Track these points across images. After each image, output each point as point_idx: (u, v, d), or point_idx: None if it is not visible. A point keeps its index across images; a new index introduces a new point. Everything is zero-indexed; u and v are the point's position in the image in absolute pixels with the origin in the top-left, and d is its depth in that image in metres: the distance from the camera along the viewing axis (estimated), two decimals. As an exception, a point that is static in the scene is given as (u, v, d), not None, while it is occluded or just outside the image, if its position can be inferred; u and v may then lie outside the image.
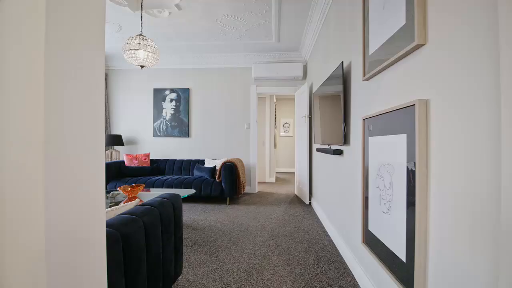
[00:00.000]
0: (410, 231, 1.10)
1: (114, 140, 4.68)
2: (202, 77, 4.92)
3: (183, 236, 2.53)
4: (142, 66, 2.94)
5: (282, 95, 7.79)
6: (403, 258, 1.15)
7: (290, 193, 4.77)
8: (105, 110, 5.05)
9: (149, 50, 2.82)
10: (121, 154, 5.10)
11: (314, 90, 3.66)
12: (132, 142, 5.13)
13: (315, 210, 3.51)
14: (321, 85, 2.83)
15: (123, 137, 5.13)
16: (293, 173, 7.89)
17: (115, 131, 5.17)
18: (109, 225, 1.01)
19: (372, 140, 1.50)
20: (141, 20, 2.90)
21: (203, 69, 4.92)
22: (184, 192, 3.04)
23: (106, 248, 0.92)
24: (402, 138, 1.16)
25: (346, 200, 2.08)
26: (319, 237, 2.56)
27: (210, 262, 2.01)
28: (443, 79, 0.90)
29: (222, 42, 4.18)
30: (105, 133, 5.00)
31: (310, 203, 3.89)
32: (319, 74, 3.33)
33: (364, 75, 1.64)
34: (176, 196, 1.55)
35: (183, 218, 3.15)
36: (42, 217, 0.46)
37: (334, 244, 2.36)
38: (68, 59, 0.52)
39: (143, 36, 2.80)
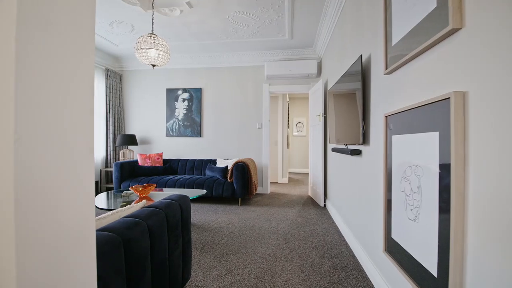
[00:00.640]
0: (443, 243, 0.96)
1: (128, 140, 4.73)
2: (214, 76, 4.88)
3: (193, 238, 2.48)
4: (153, 65, 2.92)
5: (295, 93, 7.64)
6: (434, 273, 1.02)
7: (304, 194, 4.63)
8: (120, 111, 5.13)
9: (160, 48, 2.79)
10: (135, 153, 5.15)
11: (329, 87, 3.51)
12: (145, 142, 5.18)
13: (330, 212, 3.36)
14: (337, 82, 2.69)
15: (137, 137, 5.19)
16: (307, 173, 7.72)
17: (129, 131, 5.24)
18: (110, 229, 0.95)
19: (396, 139, 1.37)
20: (152, 19, 2.87)
21: (215, 68, 4.88)
22: (195, 193, 2.99)
23: (106, 254, 0.86)
24: (433, 137, 1.03)
25: (365, 204, 1.94)
26: (335, 242, 2.42)
27: (221, 266, 1.94)
28: (484, 68, 0.76)
29: (234, 40, 4.11)
30: (120, 133, 5.08)
31: (324, 205, 3.74)
32: (335, 71, 3.18)
33: (386, 68, 1.51)
34: (184, 197, 1.48)
35: (194, 219, 3.11)
36: (12, 223, 0.39)
37: (352, 250, 2.22)
38: (47, 40, 0.45)
39: (154, 34, 2.78)
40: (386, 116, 1.49)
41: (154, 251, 1.12)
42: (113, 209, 2.38)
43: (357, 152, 2.08)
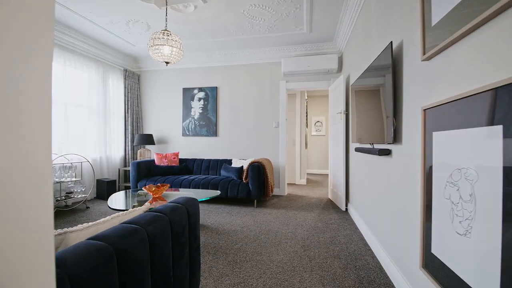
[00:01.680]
0: (509, 266, 0.75)
1: (146, 140, 4.75)
2: (229, 74, 4.78)
3: (206, 241, 2.36)
4: (167, 63, 2.85)
5: (313, 91, 7.37)
6: (496, 304, 0.80)
7: (323, 197, 4.39)
8: (138, 110, 5.18)
9: (173, 45, 2.72)
10: (152, 153, 5.17)
11: (351, 82, 3.26)
12: (162, 141, 5.19)
13: (352, 217, 3.11)
14: (361, 76, 2.46)
15: (154, 136, 5.22)
16: (326, 175, 7.41)
17: (147, 131, 5.28)
18: (102, 237, 0.83)
19: (438, 136, 1.15)
20: (166, 15, 2.81)
21: (231, 66, 4.77)
22: (208, 194, 2.88)
23: (95, 268, 0.74)
24: (494, 132, 0.81)
25: (396, 211, 1.71)
26: (360, 251, 2.19)
27: (233, 274, 1.79)
28: None
29: (250, 36, 3.97)
30: (137, 133, 5.12)
31: (346, 209, 3.49)
32: (358, 65, 2.94)
33: (424, 53, 1.28)
34: (192, 200, 1.35)
35: (208, 221, 3.00)
36: None
37: (379, 262, 1.99)
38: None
39: (167, 31, 2.70)
40: (425, 110, 1.27)
41: (155, 263, 1.00)
42: (123, 210, 2.32)
43: (386, 152, 1.85)
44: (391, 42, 1.69)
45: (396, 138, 1.71)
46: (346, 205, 3.51)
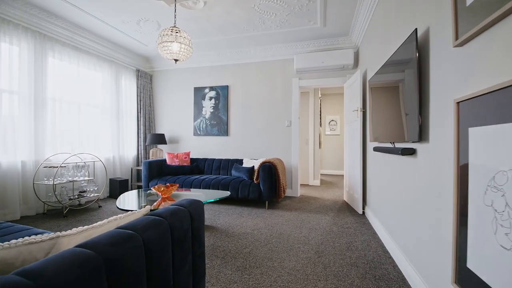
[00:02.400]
0: None
1: (158, 139, 4.76)
2: (240, 72, 4.69)
3: (215, 244, 2.26)
4: (176, 60, 2.79)
5: (327, 89, 7.15)
6: None
7: (338, 199, 4.20)
8: (150, 110, 5.20)
9: (182, 41, 2.65)
10: (164, 152, 5.18)
11: (368, 78, 3.07)
12: (174, 141, 5.18)
13: (370, 221, 2.92)
14: (380, 70, 2.28)
15: (166, 136, 5.22)
16: (341, 175, 7.16)
17: (159, 130, 5.29)
18: (91, 245, 0.75)
19: (475, 132, 0.98)
20: (175, 12, 2.75)
21: (242, 65, 4.68)
22: (218, 195, 2.80)
23: (78, 281, 0.65)
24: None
25: (422, 217, 1.54)
26: (379, 259, 2.02)
27: (242, 281, 1.69)
28: None
29: (261, 32, 3.85)
30: (150, 132, 5.15)
31: (363, 212, 3.29)
32: (376, 58, 2.75)
33: (456, 37, 1.12)
34: (196, 203, 1.26)
35: (217, 222, 2.92)
36: None
37: (401, 272, 1.81)
38: None
39: (176, 27, 2.64)
40: (458, 103, 1.11)
41: (152, 272, 0.91)
42: (130, 211, 2.27)
43: (410, 152, 1.68)
44: (416, 29, 1.52)
45: (422, 136, 1.54)
46: (363, 208, 3.32)
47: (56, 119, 3.48)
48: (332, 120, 7.42)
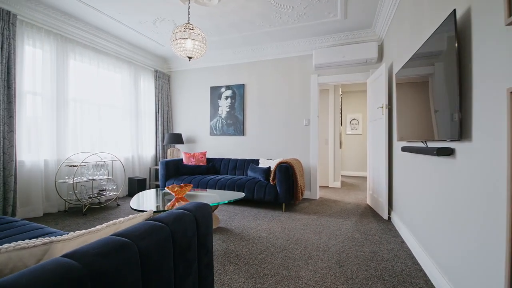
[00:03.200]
0: None
1: (175, 139, 4.77)
2: (257, 70, 4.58)
3: (228, 248, 2.15)
4: (189, 58, 2.73)
5: (348, 86, 6.84)
6: None
7: (361, 202, 3.94)
8: (168, 110, 5.24)
9: (195, 38, 2.58)
10: (181, 152, 5.20)
11: (395, 71, 2.83)
12: (191, 140, 5.18)
13: (397, 228, 2.68)
14: (408, 62, 2.05)
15: (183, 136, 5.24)
16: (364, 177, 6.81)
17: (176, 130, 5.32)
18: (78, 255, 0.66)
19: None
20: (189, 9, 2.69)
21: (258, 62, 4.56)
22: (233, 196, 2.70)
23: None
24: None
25: (462, 228, 1.32)
26: (408, 271, 1.81)
27: (255, 290, 1.56)
28: None
29: (278, 28, 3.71)
30: (167, 132, 5.19)
31: (389, 218, 3.04)
32: (404, 50, 2.51)
33: (510, 14, 0.92)
34: (203, 207, 1.15)
35: (232, 224, 2.81)
36: None
37: (436, 288, 1.59)
38: None
39: (189, 24, 2.58)
40: (515, 91, 0.90)
41: (150, 285, 0.81)
42: (143, 211, 2.23)
43: (447, 152, 1.46)
44: (454, 10, 1.31)
45: (463, 132, 1.32)
46: (389, 213, 3.06)
47: (77, 119, 3.57)
48: (354, 119, 7.08)
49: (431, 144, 1.77)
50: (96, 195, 3.49)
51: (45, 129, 3.17)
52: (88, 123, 3.76)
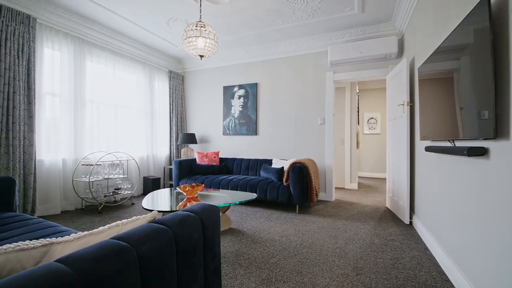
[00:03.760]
0: None
1: (189, 139, 4.79)
2: (270, 69, 4.49)
3: (239, 251, 2.08)
4: (201, 56, 2.70)
5: (366, 83, 6.60)
6: None
7: (379, 205, 3.75)
8: (182, 110, 5.28)
9: (207, 36, 2.55)
10: (195, 152, 5.21)
11: (417, 66, 2.65)
12: (204, 140, 5.18)
13: (420, 234, 2.50)
14: (432, 56, 1.89)
15: (196, 135, 5.25)
16: (382, 179, 6.53)
17: (190, 130, 5.35)
18: (71, 260, 0.61)
19: None
20: (200, 6, 2.65)
21: (271, 60, 4.48)
22: (244, 196, 2.64)
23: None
24: None
25: (498, 237, 1.17)
26: (433, 282, 1.66)
27: (266, 297, 1.49)
28: None
29: (291, 24, 3.60)
30: (181, 132, 5.22)
31: (410, 222, 2.85)
32: (427, 43, 2.33)
33: None
34: (210, 209, 1.09)
35: (244, 226, 2.75)
36: None
37: (466, 303, 1.44)
38: None
39: (201, 22, 2.54)
40: None
41: (149, 293, 0.75)
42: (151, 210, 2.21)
43: (480, 152, 1.31)
44: (490, -8, 1.16)
45: (499, 130, 1.18)
46: (411, 218, 2.87)
47: (93, 119, 3.66)
48: (372, 118, 6.82)
49: (459, 143, 1.61)
50: (111, 193, 3.55)
51: (63, 129, 3.26)
52: (104, 123, 3.84)
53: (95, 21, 3.51)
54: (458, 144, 1.63)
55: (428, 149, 2.05)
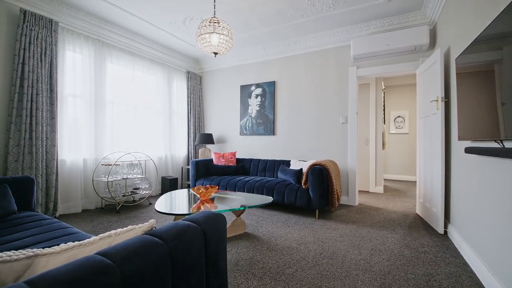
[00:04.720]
0: None
1: (206, 139, 4.76)
2: (288, 66, 4.32)
3: (254, 258, 1.94)
4: (215, 53, 2.61)
5: (393, 79, 6.18)
6: None
7: (408, 211, 3.43)
8: (200, 111, 5.27)
9: (221, 32, 2.45)
10: (212, 152, 5.17)
11: (453, 57, 2.35)
12: (221, 140, 5.13)
13: (457, 246, 2.21)
14: (474, 42, 1.62)
15: (214, 136, 5.21)
16: (411, 182, 6.08)
17: (208, 130, 5.33)
18: (42, 282, 0.52)
19: None
20: (214, 2, 2.56)
21: (289, 57, 4.31)
22: (260, 200, 2.51)
23: None
24: None
25: None
26: (480, 308, 1.41)
27: (280, 314, 1.34)
28: None
29: (310, 18, 3.41)
30: (199, 132, 5.21)
31: (445, 231, 2.55)
32: (465, 31, 2.04)
33: None
34: (214, 218, 0.97)
35: (259, 230, 2.62)
36: None
37: (523, 337, 1.19)
38: None
39: (214, 17, 2.45)
40: None
41: (136, 320, 0.65)
42: (163, 213, 2.15)
43: (544, 154, 1.07)
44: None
45: None
46: (445, 227, 2.57)
47: (113, 120, 3.72)
48: (399, 117, 6.38)
49: (508, 144, 1.36)
50: (130, 193, 3.59)
51: (84, 129, 3.34)
52: (123, 124, 3.90)
53: (114, 23, 3.57)
54: (508, 145, 1.37)
55: (469, 150, 1.78)
